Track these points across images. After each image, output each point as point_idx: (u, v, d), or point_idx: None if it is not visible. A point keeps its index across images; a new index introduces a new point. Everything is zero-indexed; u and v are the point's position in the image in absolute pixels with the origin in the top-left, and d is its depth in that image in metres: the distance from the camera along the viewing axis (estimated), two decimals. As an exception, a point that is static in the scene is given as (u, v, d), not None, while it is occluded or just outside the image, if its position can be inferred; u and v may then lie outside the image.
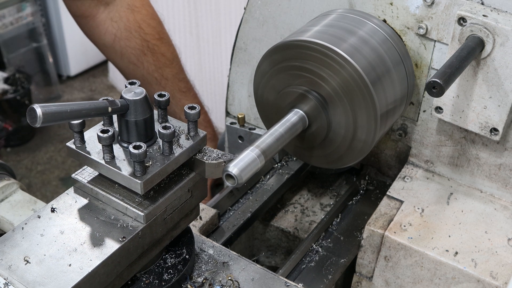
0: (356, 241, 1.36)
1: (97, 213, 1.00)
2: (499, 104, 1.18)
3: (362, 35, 1.21)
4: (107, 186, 1.01)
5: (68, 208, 1.01)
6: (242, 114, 1.56)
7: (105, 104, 0.94)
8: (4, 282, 0.91)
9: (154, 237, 1.02)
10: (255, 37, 1.48)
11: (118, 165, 0.97)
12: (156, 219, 1.00)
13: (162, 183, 1.02)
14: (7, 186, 1.32)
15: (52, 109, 0.86)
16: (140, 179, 0.94)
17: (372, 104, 1.14)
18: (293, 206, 1.54)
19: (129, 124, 0.98)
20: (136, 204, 0.99)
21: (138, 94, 0.97)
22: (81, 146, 0.99)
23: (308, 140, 1.25)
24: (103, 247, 0.95)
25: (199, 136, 1.03)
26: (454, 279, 1.19)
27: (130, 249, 0.98)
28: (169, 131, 0.96)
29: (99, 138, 0.94)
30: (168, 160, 0.98)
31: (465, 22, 1.14)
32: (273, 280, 1.10)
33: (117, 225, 0.98)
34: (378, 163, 1.50)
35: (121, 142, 1.00)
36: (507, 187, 1.31)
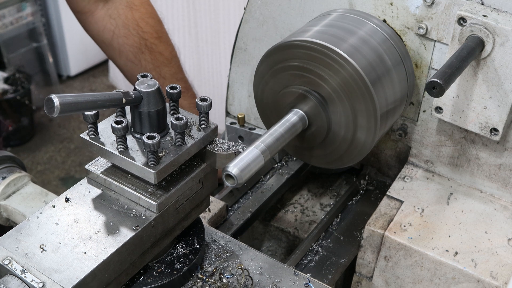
0: (356, 241, 1.36)
1: (111, 203, 1.03)
2: (499, 104, 1.18)
3: (362, 35, 1.21)
4: (120, 176, 1.04)
5: (82, 198, 1.04)
6: (242, 114, 1.56)
7: (120, 96, 0.96)
8: (21, 269, 0.93)
9: (166, 226, 1.05)
10: (255, 37, 1.48)
11: (131, 155, 0.99)
12: (168, 209, 1.03)
13: (174, 174, 1.04)
14: (19, 179, 1.33)
15: (69, 100, 0.88)
16: (153, 168, 0.97)
17: (372, 104, 1.14)
18: (293, 206, 1.54)
19: (142, 116, 1.00)
20: (149, 194, 1.01)
21: (151, 86, 1.00)
22: (95, 137, 1.02)
23: (308, 140, 1.25)
24: (117, 236, 0.97)
25: (210, 127, 1.06)
26: (454, 279, 1.19)
27: (143, 237, 1.00)
28: (181, 122, 0.98)
29: (113, 129, 0.97)
30: (181, 151, 1.01)
31: (465, 22, 1.14)
32: (282, 269, 1.13)
33: (130, 215, 1.01)
34: (378, 163, 1.50)
35: (134, 133, 1.03)
36: (507, 187, 1.31)
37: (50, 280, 0.91)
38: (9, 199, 1.31)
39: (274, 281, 1.11)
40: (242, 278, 1.10)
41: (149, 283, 1.06)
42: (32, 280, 0.91)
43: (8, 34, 4.26)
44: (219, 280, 1.11)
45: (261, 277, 1.12)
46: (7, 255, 0.94)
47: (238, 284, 1.10)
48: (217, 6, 3.64)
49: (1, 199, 1.31)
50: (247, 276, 1.12)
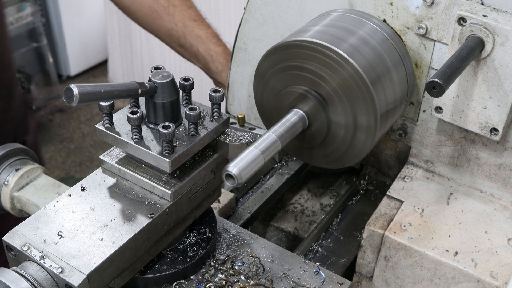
0: (356, 241, 1.36)
1: (125, 191, 1.06)
2: (499, 104, 1.18)
3: (362, 35, 1.21)
4: (134, 166, 1.07)
5: (97, 187, 1.06)
6: (242, 114, 1.56)
7: (135, 86, 0.99)
8: (39, 255, 0.95)
9: (179, 215, 1.07)
10: (255, 37, 1.48)
11: (147, 145, 1.02)
12: (182, 197, 1.06)
13: (187, 164, 1.07)
14: (32, 171, 1.35)
15: (87, 89, 0.91)
16: (168, 157, 1.00)
17: (372, 104, 1.14)
18: (293, 206, 1.54)
19: (157, 106, 1.03)
20: (163, 183, 1.04)
21: (165, 77, 1.02)
22: (110, 127, 1.05)
23: (308, 140, 1.25)
24: (133, 223, 1.00)
25: (223, 118, 1.10)
26: (454, 279, 1.19)
27: (158, 225, 1.03)
28: (195, 113, 1.01)
29: (129, 119, 1.00)
30: (194, 141, 1.04)
31: (465, 22, 1.14)
32: (292, 258, 1.16)
33: (145, 203, 1.04)
34: (378, 163, 1.50)
35: (148, 123, 1.06)
36: (507, 187, 1.31)
37: (68, 265, 0.93)
38: (22, 191, 1.33)
39: (285, 269, 1.13)
40: (254, 266, 1.12)
41: (162, 270, 1.09)
42: (51, 265, 0.94)
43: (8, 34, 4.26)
44: (231, 267, 1.13)
45: (272, 265, 1.14)
46: (25, 242, 0.97)
47: (249, 272, 1.12)
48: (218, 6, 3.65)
49: (15, 190, 1.33)
50: (258, 264, 1.14)
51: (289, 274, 1.12)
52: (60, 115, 4.66)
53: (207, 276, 1.12)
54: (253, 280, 1.10)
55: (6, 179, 1.33)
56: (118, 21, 4.43)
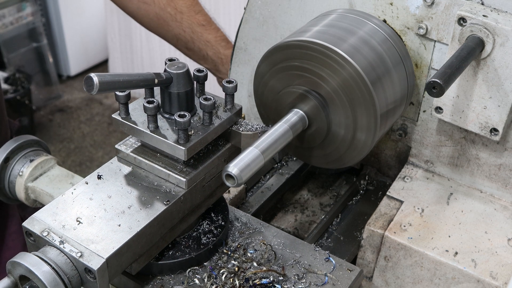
0: (356, 241, 1.36)
1: (141, 179, 1.09)
2: (499, 104, 1.18)
3: (362, 35, 1.21)
4: (149, 155, 1.10)
5: (114, 175, 1.09)
6: (242, 114, 1.56)
7: (152, 76, 1.02)
8: (59, 240, 0.97)
9: (193, 202, 1.11)
10: (255, 37, 1.48)
11: (163, 134, 1.05)
12: (196, 185, 1.09)
13: (201, 153, 1.11)
14: (45, 162, 1.37)
15: (107, 79, 0.94)
16: (184, 146, 1.03)
17: (372, 104, 1.14)
18: (293, 206, 1.54)
19: (172, 96, 1.06)
20: (178, 171, 1.07)
21: (180, 68, 1.06)
22: (127, 117, 1.08)
23: (308, 140, 1.25)
24: (149, 210, 1.03)
25: (236, 108, 1.13)
26: (454, 279, 1.19)
27: (173, 212, 1.06)
28: (210, 102, 1.05)
29: (145, 108, 1.03)
30: (208, 130, 1.07)
31: (465, 22, 1.14)
32: (303, 245, 1.19)
33: (160, 190, 1.06)
34: (378, 163, 1.50)
35: (163, 113, 1.09)
36: (507, 187, 1.31)
37: (87, 250, 0.96)
38: (36, 181, 1.36)
39: (296, 256, 1.16)
40: (266, 253, 1.15)
41: (177, 257, 1.11)
42: (70, 250, 0.96)
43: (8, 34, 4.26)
44: (243, 255, 1.16)
45: (283, 252, 1.17)
46: (45, 228, 0.99)
47: (261, 259, 1.14)
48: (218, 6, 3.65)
49: (29, 181, 1.35)
50: (270, 251, 1.16)
51: (300, 260, 1.15)
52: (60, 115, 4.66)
53: (220, 263, 1.14)
54: (265, 266, 1.13)
55: (20, 170, 1.35)
56: (118, 21, 4.43)
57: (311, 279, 1.12)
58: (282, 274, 1.12)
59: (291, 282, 1.11)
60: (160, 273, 1.11)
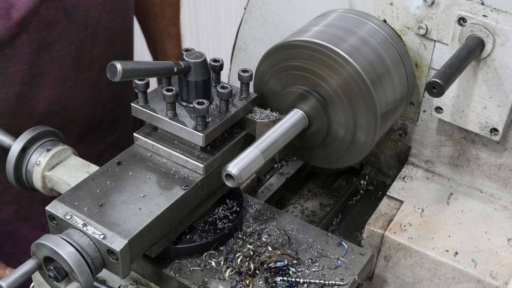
0: (356, 241, 1.36)
1: (159, 166, 1.11)
2: (499, 104, 1.18)
3: (362, 35, 1.21)
4: (167, 142, 1.13)
5: (133, 162, 1.12)
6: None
7: (172, 65, 1.06)
8: (82, 223, 1.00)
9: (210, 188, 1.14)
10: (255, 37, 1.48)
11: (181, 120, 1.09)
12: (213, 171, 1.12)
13: (217, 140, 1.14)
14: (62, 151, 1.40)
15: (129, 66, 0.98)
16: (202, 132, 1.06)
17: (372, 104, 1.14)
18: (293, 206, 1.54)
19: (190, 84, 1.10)
20: (196, 157, 1.10)
21: (198, 57, 1.09)
22: (145, 105, 1.12)
23: (308, 140, 1.25)
24: (168, 194, 1.06)
25: (251, 97, 1.17)
26: (454, 279, 1.19)
27: (191, 197, 1.09)
28: (227, 90, 1.09)
29: (164, 96, 1.06)
30: (225, 117, 1.11)
31: (465, 22, 1.14)
32: (316, 231, 1.22)
33: (179, 176, 1.10)
34: (378, 163, 1.50)
35: (181, 101, 1.12)
36: (507, 187, 1.31)
37: (110, 232, 0.98)
38: (53, 170, 1.38)
39: (309, 241, 1.19)
40: (280, 238, 1.18)
41: (194, 241, 1.15)
42: (93, 232, 0.98)
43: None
44: (258, 239, 1.19)
45: (296, 237, 1.20)
46: (68, 211, 1.01)
47: (276, 243, 1.18)
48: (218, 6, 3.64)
49: (46, 170, 1.37)
50: (284, 235, 1.19)
51: (314, 245, 1.18)
52: (61, 115, 4.66)
53: (236, 248, 1.17)
54: (279, 250, 1.16)
55: (37, 159, 1.37)
56: (118, 21, 4.43)
57: (324, 262, 1.15)
58: (296, 258, 1.15)
59: (305, 265, 1.14)
60: (177, 257, 1.14)
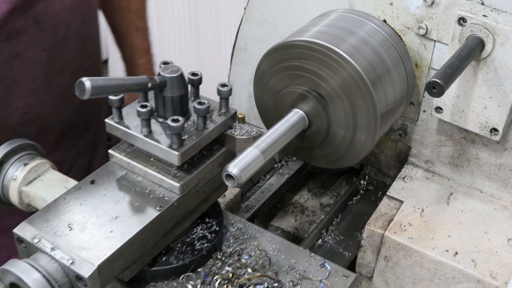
0: (356, 241, 1.36)
1: (134, 185, 1.07)
2: (499, 104, 1.18)
3: (362, 35, 1.21)
4: (143, 159, 1.08)
5: (107, 180, 1.08)
6: (242, 114, 1.56)
7: (146, 80, 1.01)
8: (50, 247, 0.96)
9: (187, 208, 1.09)
10: (255, 37, 1.48)
11: (156, 138, 1.04)
12: (190, 190, 1.08)
13: (195, 157, 1.09)
14: (40, 165, 1.35)
15: (99, 83, 0.92)
16: (177, 150, 1.01)
17: (372, 104, 1.14)
18: (293, 206, 1.54)
19: (166, 100, 1.05)
20: (172, 176, 1.06)
21: (175, 71, 1.04)
22: (120, 121, 1.07)
23: (308, 140, 1.25)
24: (142, 216, 1.01)
25: (230, 112, 1.12)
26: (454, 279, 1.19)
27: (166, 218, 1.05)
28: (204, 106, 1.04)
29: (139, 113, 1.02)
30: (202, 134, 1.06)
31: (465, 22, 1.14)
32: (298, 251, 1.18)
33: (154, 196, 1.05)
34: (378, 163, 1.50)
35: (157, 117, 1.08)
36: (507, 187, 1.31)
37: (79, 257, 0.94)
38: (30, 185, 1.33)
39: (291, 262, 1.15)
40: (260, 259, 1.14)
41: (170, 263, 1.10)
42: (61, 257, 0.95)
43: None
44: (238, 260, 1.15)
45: (278, 258, 1.16)
46: (36, 234, 0.98)
47: (256, 265, 1.13)
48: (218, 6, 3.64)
49: (23, 185, 1.33)
50: (265, 257, 1.15)
51: (295, 266, 1.14)
52: (60, 115, 4.66)
53: (214, 269, 1.13)
54: (259, 272, 1.12)
55: (14, 173, 1.32)
56: (118, 21, 4.42)
57: (306, 285, 1.10)
58: (277, 280, 1.10)
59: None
60: (153, 280, 1.10)
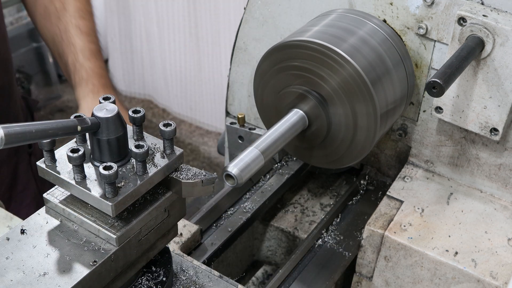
0: (356, 241, 1.36)
1: (69, 235, 0.96)
2: (499, 104, 1.18)
3: (362, 35, 1.21)
4: (80, 206, 0.97)
5: (39, 230, 0.97)
6: (242, 114, 1.56)
7: (74, 123, 0.89)
8: None
9: (128, 259, 0.98)
10: (255, 37, 1.48)
11: (88, 186, 0.93)
12: (130, 241, 0.96)
13: (137, 203, 0.98)
14: None
15: (15, 130, 0.80)
16: (111, 201, 0.90)
17: (372, 104, 1.14)
18: (293, 206, 1.54)
19: (101, 143, 0.94)
20: (109, 226, 0.95)
21: (110, 111, 0.93)
22: (51, 165, 0.96)
23: (308, 140, 1.25)
24: (72, 272, 0.91)
25: (175, 154, 0.99)
26: (454, 279, 1.19)
27: (102, 273, 0.94)
28: (142, 150, 0.92)
29: (69, 158, 0.91)
30: (142, 180, 0.94)
31: (465, 22, 1.14)
32: None
33: (88, 248, 0.94)
34: (378, 163, 1.50)
35: (94, 160, 0.96)
36: (507, 187, 1.31)
37: None
38: None
39: None
40: None
41: None
42: None
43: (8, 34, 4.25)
44: None
45: None
46: None
47: None
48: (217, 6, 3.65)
49: None
50: None
51: None
52: (60, 115, 4.66)
53: None
54: None
55: None
56: (118, 21, 4.43)
57: None
58: None
59: None
60: None
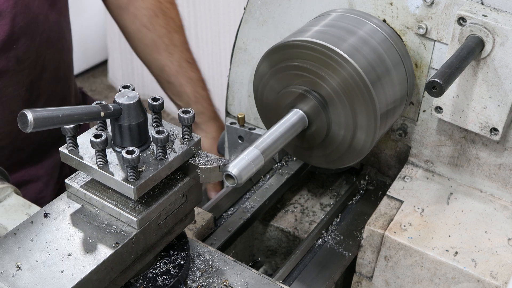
0: (356, 241, 1.36)
1: (90, 218, 0.99)
2: (499, 104, 1.18)
3: (362, 35, 1.21)
4: (101, 191, 1.00)
5: (61, 214, 1.00)
6: (242, 114, 1.56)
7: (98, 109, 0.93)
8: None
9: (148, 242, 1.01)
10: (255, 37, 1.48)
11: (111, 170, 0.96)
12: (150, 224, 1.00)
13: (156, 188, 1.01)
14: (1, 190, 1.28)
15: (43, 114, 0.84)
16: (133, 184, 0.93)
17: (372, 104, 1.14)
18: (293, 206, 1.54)
19: (123, 129, 0.97)
20: (130, 210, 0.98)
21: (131, 98, 0.96)
22: (74, 151, 0.99)
23: (308, 140, 1.25)
24: (96, 253, 0.94)
25: (194, 140, 1.03)
26: (454, 279, 1.19)
27: (124, 255, 0.97)
28: (162, 136, 0.95)
29: (92, 143, 0.94)
30: (162, 165, 0.97)
31: (465, 22, 1.14)
32: (269, 285, 1.10)
33: (110, 231, 0.97)
34: (378, 163, 1.50)
35: (115, 146, 1.00)
36: (507, 187, 1.31)
37: None
38: None
39: None
40: None
41: None
42: None
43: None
44: None
45: None
46: None
47: None
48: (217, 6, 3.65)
49: None
50: None
51: None
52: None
53: None
54: None
55: None
56: (118, 21, 4.42)
57: None
58: None
59: None
60: None
